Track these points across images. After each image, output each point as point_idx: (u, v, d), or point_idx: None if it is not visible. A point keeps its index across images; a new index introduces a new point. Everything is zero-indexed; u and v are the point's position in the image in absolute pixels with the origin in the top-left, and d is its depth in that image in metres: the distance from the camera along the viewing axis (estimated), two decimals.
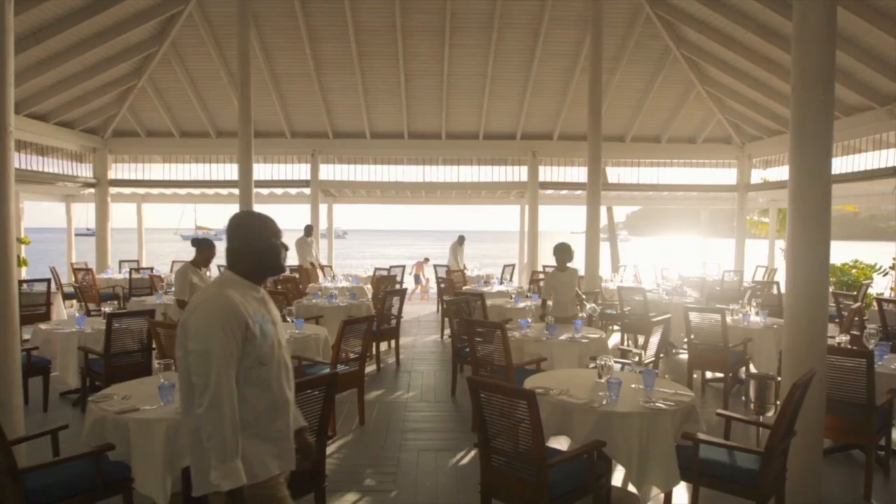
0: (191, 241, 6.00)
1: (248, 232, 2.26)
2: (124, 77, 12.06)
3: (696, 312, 6.39)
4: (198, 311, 2.10)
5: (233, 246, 2.28)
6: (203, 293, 2.23)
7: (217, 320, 2.06)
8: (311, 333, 5.86)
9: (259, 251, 2.26)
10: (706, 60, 11.49)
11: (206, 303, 2.12)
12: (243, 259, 2.25)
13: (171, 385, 3.57)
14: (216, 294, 2.15)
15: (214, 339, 2.04)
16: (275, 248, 2.29)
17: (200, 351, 2.04)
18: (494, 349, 5.31)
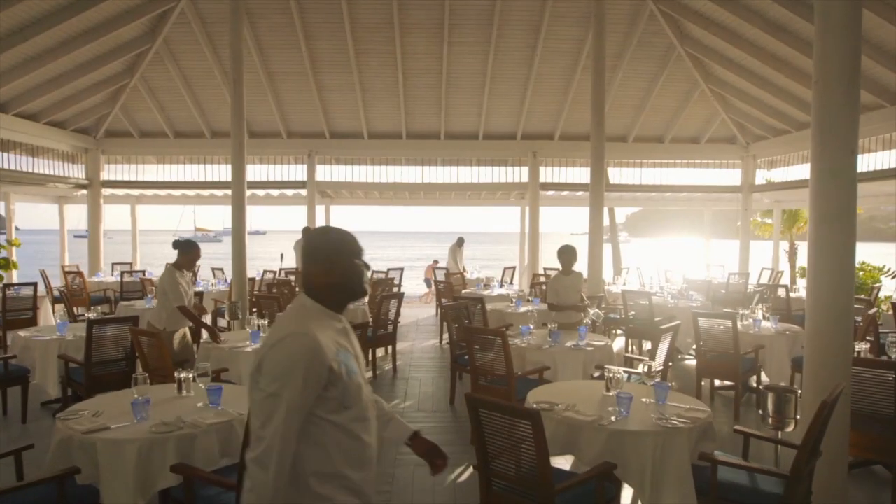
0: (172, 244, 5.67)
1: (329, 251, 1.96)
2: (116, 76, 11.80)
3: (705, 318, 6.11)
4: (279, 348, 1.81)
5: (311, 268, 1.96)
6: (285, 326, 1.90)
7: (300, 365, 1.78)
8: None
9: (342, 274, 1.96)
10: (711, 58, 11.23)
11: (289, 340, 1.81)
12: (323, 283, 1.95)
13: (146, 401, 3.31)
14: (301, 333, 1.82)
15: (290, 385, 1.76)
16: (358, 269, 1.99)
17: (271, 393, 1.77)
18: (495, 358, 5.04)
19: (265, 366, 1.81)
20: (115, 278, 11.87)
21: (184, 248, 5.53)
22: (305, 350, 1.80)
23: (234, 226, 8.69)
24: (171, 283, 5.40)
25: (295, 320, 1.91)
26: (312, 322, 1.87)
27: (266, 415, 1.76)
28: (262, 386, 1.79)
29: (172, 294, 5.37)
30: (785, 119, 11.96)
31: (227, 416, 3.33)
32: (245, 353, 5.19)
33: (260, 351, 1.85)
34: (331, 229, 2.05)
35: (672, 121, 13.36)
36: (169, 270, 5.52)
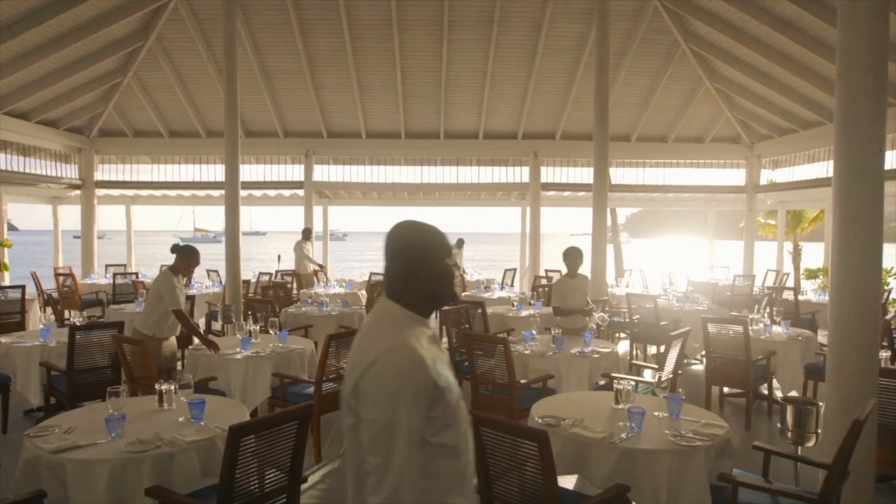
0: (171, 248, 5.42)
1: (418, 251, 1.70)
2: (109, 74, 11.56)
3: (714, 324, 5.87)
4: (380, 367, 1.54)
5: (397, 269, 1.70)
6: (377, 340, 1.62)
7: (408, 383, 1.53)
8: (295, 347, 5.35)
9: (432, 276, 1.70)
10: (716, 55, 11.00)
11: (389, 356, 1.55)
12: (412, 286, 1.69)
13: (122, 416, 3.07)
14: (401, 346, 1.57)
15: (401, 408, 1.50)
16: (449, 270, 1.73)
17: (382, 424, 1.50)
18: (496, 365, 4.80)
19: (366, 391, 1.53)
20: (109, 280, 11.62)
21: (183, 253, 5.25)
22: (410, 365, 1.54)
23: (228, 226, 8.45)
24: (168, 287, 5.14)
25: (388, 332, 1.63)
26: (406, 332, 1.62)
27: (384, 448, 1.49)
28: (367, 416, 1.52)
29: (169, 297, 5.11)
30: (791, 118, 11.73)
31: (208, 433, 3.09)
32: (235, 361, 4.96)
33: (352, 373, 1.58)
34: (417, 224, 1.75)
35: (675, 120, 13.13)
36: (165, 274, 5.27)
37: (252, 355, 5.04)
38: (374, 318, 1.71)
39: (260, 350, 5.17)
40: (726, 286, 11.62)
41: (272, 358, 5.06)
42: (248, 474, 2.74)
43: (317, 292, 9.75)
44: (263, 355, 5.06)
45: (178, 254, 5.28)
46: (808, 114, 11.17)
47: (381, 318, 1.69)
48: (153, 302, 5.21)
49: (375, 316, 1.71)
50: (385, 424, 1.49)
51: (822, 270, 13.96)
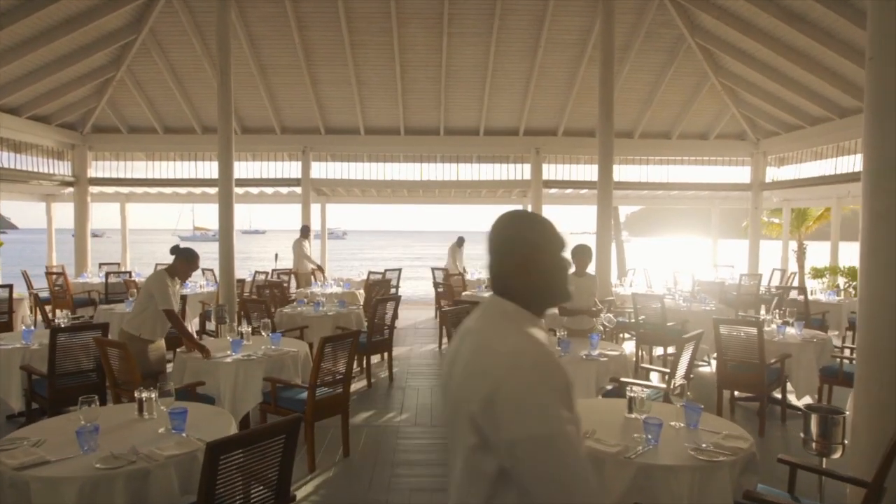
0: (171, 249, 5.16)
1: (533, 244, 1.51)
2: (101, 68, 11.31)
3: (727, 325, 5.62)
4: (518, 372, 1.32)
5: (507, 264, 1.51)
6: (504, 341, 1.40)
7: (553, 386, 1.31)
8: (288, 350, 5.10)
9: (548, 271, 1.52)
10: (722, 49, 10.75)
11: (526, 359, 1.34)
12: (526, 282, 1.50)
13: (94, 429, 2.82)
14: (532, 346, 1.37)
15: (555, 415, 1.28)
16: (564, 265, 1.55)
17: (541, 438, 1.27)
18: None
19: (507, 402, 1.30)
20: (102, 279, 11.37)
21: (184, 256, 4.98)
22: (550, 365, 1.34)
23: (222, 224, 8.22)
24: (160, 286, 4.89)
25: (511, 331, 1.43)
26: (528, 330, 1.43)
27: (552, 470, 1.26)
28: (509, 436, 1.28)
29: (160, 297, 4.86)
30: (798, 114, 11.48)
31: (189, 446, 2.85)
32: (225, 365, 4.71)
33: (474, 385, 1.35)
34: (529, 215, 1.59)
35: (680, 116, 12.89)
36: (160, 274, 5.01)
37: (243, 359, 4.80)
38: (486, 317, 1.51)
39: (251, 353, 4.93)
40: (732, 286, 11.39)
41: (264, 361, 4.82)
42: (230, 493, 2.50)
43: (313, 292, 9.50)
44: (255, 359, 4.82)
45: (178, 256, 5.01)
46: (816, 109, 10.92)
47: (496, 318, 1.50)
48: (143, 301, 4.97)
49: (488, 315, 1.51)
50: (545, 438, 1.26)
51: (828, 269, 13.73)
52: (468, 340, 1.47)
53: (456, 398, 1.42)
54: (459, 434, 1.40)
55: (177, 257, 4.99)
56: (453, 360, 1.50)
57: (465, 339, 1.49)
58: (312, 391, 4.49)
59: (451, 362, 1.51)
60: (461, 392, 1.40)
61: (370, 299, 9.00)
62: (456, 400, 1.42)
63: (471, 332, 1.50)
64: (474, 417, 1.34)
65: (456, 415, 1.41)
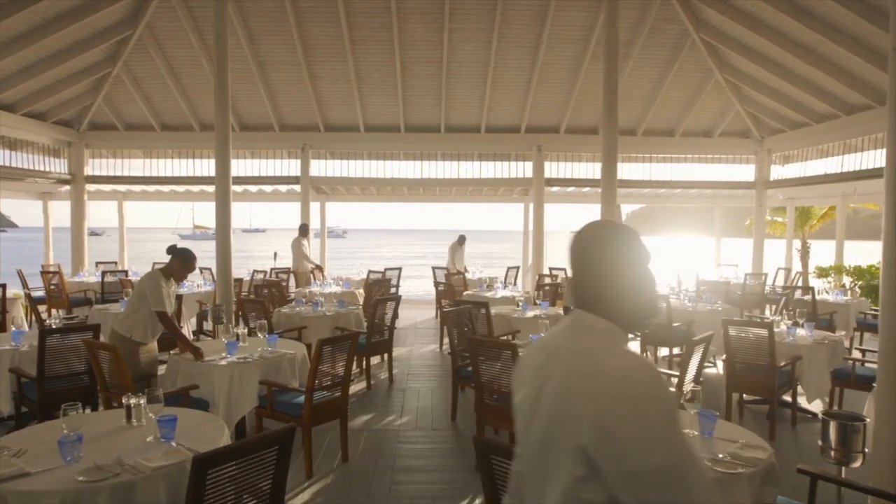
0: (168, 249, 5.02)
1: (623, 257, 1.43)
2: (97, 64, 11.14)
3: (736, 326, 5.47)
4: (631, 395, 1.22)
5: (598, 277, 1.42)
6: (603, 363, 1.29)
7: (668, 409, 1.23)
8: (284, 352, 4.95)
9: (638, 285, 1.43)
10: (727, 45, 10.58)
11: (635, 382, 1.24)
12: (616, 296, 1.41)
13: (78, 438, 2.67)
14: (640, 365, 1.27)
15: (676, 439, 1.20)
16: (652, 279, 1.48)
17: (664, 469, 1.17)
18: (502, 372, 4.42)
19: (626, 433, 1.19)
20: (98, 278, 11.22)
21: (181, 257, 4.83)
22: (662, 386, 1.25)
23: (219, 223, 8.04)
24: (154, 287, 4.74)
25: (614, 351, 1.34)
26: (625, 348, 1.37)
27: (681, 499, 1.16)
28: (636, 467, 1.17)
29: (153, 298, 4.71)
30: (804, 111, 11.32)
31: (178, 457, 2.70)
32: (219, 368, 4.56)
33: (588, 414, 1.22)
34: (615, 225, 1.50)
35: (683, 113, 12.73)
36: (155, 274, 4.87)
37: (238, 361, 4.65)
38: (576, 334, 1.41)
39: (247, 355, 4.78)
40: (737, 285, 11.25)
41: (260, 364, 4.67)
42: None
43: (312, 291, 9.36)
44: (250, 361, 4.67)
45: (175, 256, 4.86)
46: (822, 106, 10.76)
47: (588, 335, 1.39)
48: (136, 302, 4.82)
49: (577, 331, 1.41)
50: (673, 467, 1.18)
51: (833, 268, 13.57)
52: (559, 359, 1.36)
53: (551, 424, 1.30)
54: (558, 464, 1.26)
55: (173, 257, 4.84)
56: (539, 379, 1.37)
57: (554, 358, 1.37)
58: (310, 395, 4.34)
59: (534, 382, 1.38)
60: (560, 419, 1.28)
61: (370, 299, 8.85)
62: (551, 426, 1.30)
63: (561, 350, 1.38)
64: (584, 449, 1.21)
65: (551, 442, 1.29)
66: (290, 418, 4.44)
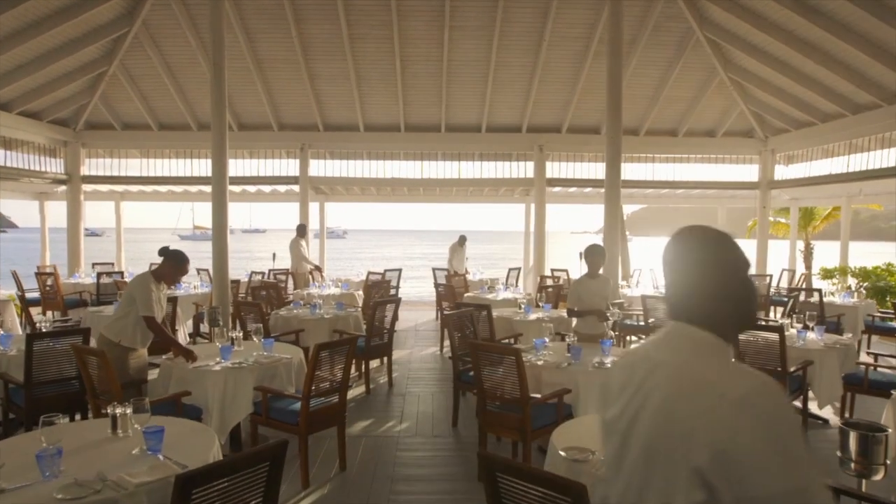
0: (159, 251, 4.83)
1: (727, 266, 1.35)
2: (93, 62, 11.00)
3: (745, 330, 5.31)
4: (755, 415, 1.15)
5: (699, 287, 1.34)
6: (721, 382, 1.21)
7: (795, 429, 1.19)
8: (280, 357, 4.80)
9: (741, 295, 1.35)
10: (732, 43, 10.43)
11: (761, 402, 1.17)
12: (722, 308, 1.32)
13: (58, 452, 2.52)
14: (757, 382, 1.20)
15: (807, 464, 1.15)
16: (755, 288, 1.41)
17: (792, 493, 1.11)
18: (506, 378, 4.26)
19: (749, 456, 1.12)
20: (94, 280, 11.07)
21: (173, 259, 4.67)
22: (788, 407, 1.23)
23: (215, 223, 7.91)
24: (143, 291, 4.58)
25: (726, 367, 1.28)
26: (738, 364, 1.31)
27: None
28: (762, 491, 1.10)
29: (141, 302, 4.54)
30: (809, 110, 11.18)
31: (164, 471, 2.54)
32: (213, 373, 4.41)
33: (705, 435, 1.14)
34: (717, 234, 1.38)
35: (687, 113, 12.58)
36: (145, 277, 4.68)
37: (232, 366, 4.50)
38: (677, 347, 1.32)
39: (242, 360, 4.62)
40: None
41: (255, 369, 4.52)
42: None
43: (310, 293, 9.21)
44: (245, 366, 4.52)
45: (166, 259, 4.69)
46: (828, 105, 10.62)
47: (691, 348, 1.31)
48: (125, 306, 4.64)
49: (678, 345, 1.33)
50: (801, 491, 1.12)
51: (837, 270, 13.42)
52: (661, 375, 1.28)
53: (655, 445, 1.23)
54: (671, 487, 1.19)
55: (165, 259, 4.68)
56: (639, 397, 1.29)
57: (656, 374, 1.29)
58: (306, 402, 4.19)
59: (633, 400, 1.30)
60: (667, 440, 1.21)
61: (369, 301, 8.70)
62: (655, 447, 1.23)
63: (662, 365, 1.30)
64: (701, 472, 1.14)
65: (656, 464, 1.22)
66: (285, 426, 4.29)
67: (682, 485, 1.17)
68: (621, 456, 1.32)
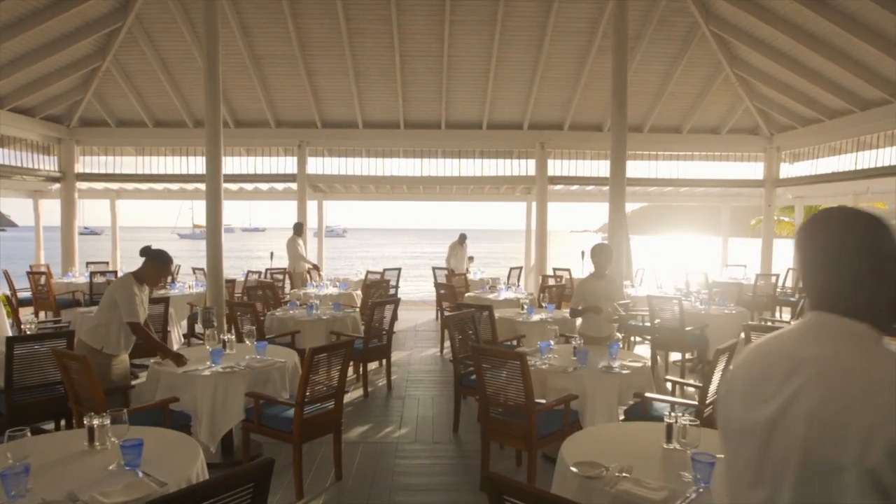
0: (140, 250, 4.57)
1: (876, 246, 1.22)
2: (86, 58, 10.79)
3: (760, 332, 5.11)
4: None
5: (855, 276, 1.22)
6: (881, 373, 1.11)
7: None
8: (274, 361, 4.59)
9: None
10: (738, 38, 10.22)
11: None
12: (877, 297, 1.21)
13: (25, 469, 2.31)
14: None
15: None
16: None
17: None
18: (509, 383, 4.05)
19: None
20: (87, 279, 10.85)
21: (155, 259, 4.43)
22: None
23: (209, 222, 7.69)
24: (126, 295, 4.35)
25: (883, 357, 1.16)
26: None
27: None
28: None
29: (126, 308, 4.31)
30: (816, 107, 10.96)
31: (141, 490, 2.34)
32: (203, 378, 4.20)
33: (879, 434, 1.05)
34: (872, 218, 1.24)
35: (691, 109, 12.37)
36: (126, 280, 4.46)
37: (223, 371, 4.29)
38: (832, 341, 1.20)
39: (233, 364, 4.42)
40: (747, 286, 10.88)
41: (247, 374, 4.31)
42: None
43: (307, 293, 9.00)
44: (237, 371, 4.31)
45: (148, 259, 4.46)
46: (835, 101, 10.41)
47: (844, 341, 1.19)
48: (107, 311, 4.38)
49: (833, 338, 1.20)
50: None
51: None
52: (812, 370, 1.16)
53: (813, 447, 1.12)
54: (836, 492, 1.08)
55: (147, 260, 4.44)
56: (784, 394, 1.18)
57: (804, 369, 1.17)
58: (300, 409, 3.98)
59: (775, 398, 1.19)
60: (830, 441, 1.10)
61: (368, 301, 8.49)
62: (813, 450, 1.12)
63: (810, 361, 1.18)
64: (876, 474, 1.04)
65: (816, 468, 1.11)
66: (279, 434, 4.08)
67: (851, 492, 1.06)
68: (761, 464, 1.21)
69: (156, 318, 6.57)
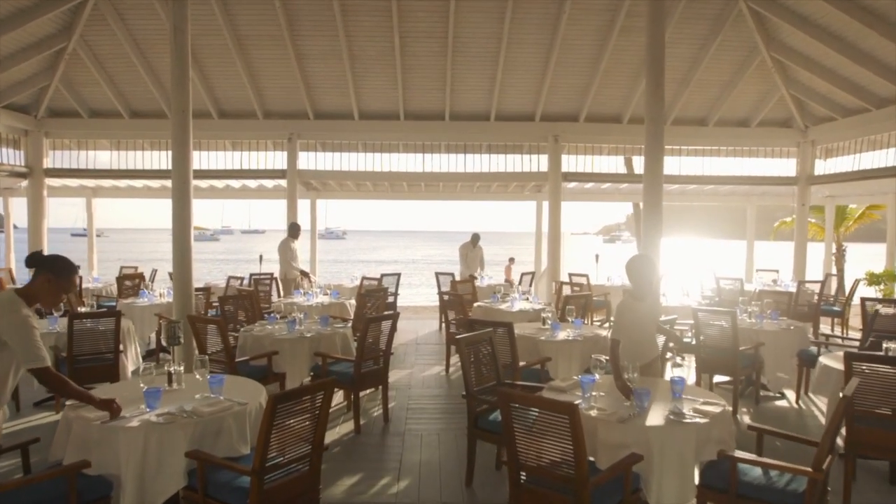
0: (26, 260, 3.18)
1: None
2: (49, 38, 9.68)
3: (861, 362, 3.97)
4: None
5: None
6: None
7: None
8: (230, 404, 3.42)
9: None
10: (779, 15, 9.10)
11: None
12: None
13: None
14: None
15: None
16: None
17: None
18: (552, 443, 2.91)
19: None
20: None
21: (48, 269, 3.07)
22: None
23: (176, 224, 6.54)
24: (23, 331, 2.93)
25: None
26: None
27: None
28: None
29: (25, 349, 2.92)
30: (863, 94, 9.85)
31: None
32: (128, 431, 3.05)
33: None
34: None
35: (720, 99, 11.30)
36: (10, 303, 2.97)
37: (158, 420, 3.15)
38: None
39: (174, 409, 3.28)
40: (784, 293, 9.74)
41: (189, 425, 3.15)
42: None
43: (291, 303, 7.87)
44: (177, 420, 3.17)
45: (40, 270, 3.08)
46: (887, 89, 9.28)
47: None
48: None
49: None
50: None
51: (885, 275, 12.10)
52: None
53: None
54: None
55: (37, 272, 3.08)
56: None
57: None
58: (258, 478, 2.85)
59: None
60: None
61: (361, 313, 7.36)
62: None
63: None
64: None
65: None
66: None
67: None
68: None
69: (103, 336, 5.46)
